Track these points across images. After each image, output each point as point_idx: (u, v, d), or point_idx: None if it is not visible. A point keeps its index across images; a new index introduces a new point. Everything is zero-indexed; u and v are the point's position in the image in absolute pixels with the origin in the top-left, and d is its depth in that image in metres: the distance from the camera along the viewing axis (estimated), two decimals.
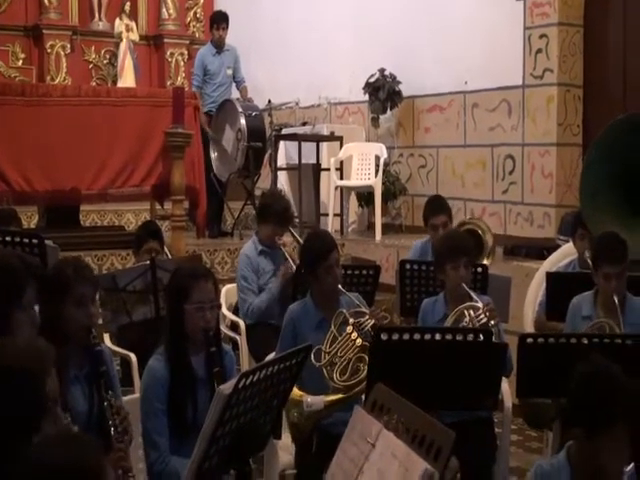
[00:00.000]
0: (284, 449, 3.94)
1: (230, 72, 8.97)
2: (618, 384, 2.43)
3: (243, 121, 8.20)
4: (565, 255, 5.36)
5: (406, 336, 3.40)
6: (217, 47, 8.87)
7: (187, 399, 3.13)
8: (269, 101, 9.15)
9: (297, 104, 9.90)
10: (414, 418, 1.92)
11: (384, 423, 1.97)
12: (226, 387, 2.62)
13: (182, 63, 11.36)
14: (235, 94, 9.08)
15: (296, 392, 3.77)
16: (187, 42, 11.46)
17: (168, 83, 11.06)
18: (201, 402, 3.08)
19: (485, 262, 5.39)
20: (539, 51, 7.70)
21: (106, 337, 4.80)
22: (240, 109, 8.28)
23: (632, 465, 2.26)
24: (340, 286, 3.94)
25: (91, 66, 11.01)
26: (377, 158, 8.49)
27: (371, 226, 8.64)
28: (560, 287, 4.57)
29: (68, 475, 1.52)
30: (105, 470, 1.53)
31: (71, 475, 1.52)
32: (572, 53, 7.62)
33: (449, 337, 3.44)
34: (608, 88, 7.43)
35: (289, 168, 9.15)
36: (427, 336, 3.42)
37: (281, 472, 4.04)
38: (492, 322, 3.81)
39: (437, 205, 5.59)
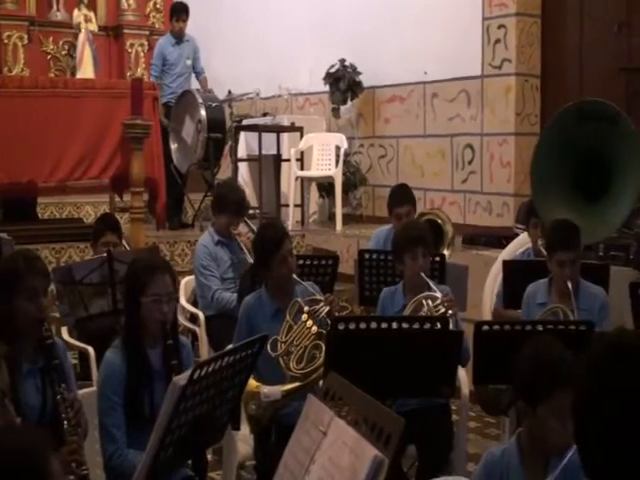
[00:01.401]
0: (243, 440, 3.95)
1: (189, 63, 8.93)
2: (557, 352, 2.47)
3: (203, 112, 8.17)
4: (522, 244, 5.42)
5: (363, 325, 3.42)
6: (177, 38, 8.83)
7: (144, 392, 3.12)
8: (229, 92, 9.12)
9: (258, 95, 9.86)
10: (365, 406, 1.93)
11: (336, 411, 1.98)
12: (181, 378, 2.61)
13: (142, 54, 11.24)
14: (195, 85, 9.04)
15: (253, 383, 3.78)
16: (147, 33, 11.34)
17: (128, 74, 10.94)
18: (158, 395, 3.07)
19: (445, 252, 5.43)
20: (497, 41, 7.75)
21: (64, 331, 4.76)
22: (200, 100, 8.24)
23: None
24: (295, 275, 3.94)
25: (49, 57, 10.85)
26: (337, 148, 8.50)
27: (332, 216, 8.65)
28: (516, 275, 4.62)
29: (9, 465, 1.50)
30: (49, 461, 1.52)
31: (12, 465, 1.51)
32: (530, 43, 7.68)
33: (406, 326, 3.47)
34: (565, 78, 7.50)
35: (249, 159, 9.12)
36: (384, 325, 3.45)
37: (240, 463, 4.05)
38: (450, 312, 3.83)
39: (401, 195, 5.60)
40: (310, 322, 3.83)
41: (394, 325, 3.46)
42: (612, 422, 1.59)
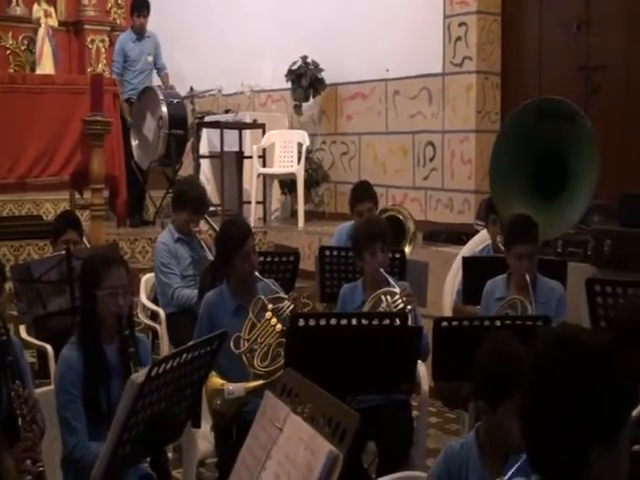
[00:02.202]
0: (203, 438, 3.94)
1: (151, 59, 8.87)
2: (514, 352, 2.49)
3: (164, 108, 8.12)
4: (481, 241, 5.46)
5: (322, 322, 3.42)
6: (138, 34, 8.77)
7: (100, 387, 3.11)
8: (191, 88, 9.08)
9: (220, 92, 9.82)
10: (321, 401, 1.93)
11: (292, 407, 1.98)
12: (138, 375, 2.60)
13: (103, 50, 11.14)
14: (156, 81, 8.99)
15: (217, 381, 3.78)
16: (108, 29, 11.24)
17: (88, 70, 10.83)
18: (115, 391, 3.06)
19: (406, 248, 5.46)
20: (458, 39, 7.80)
21: (22, 329, 4.71)
22: (161, 96, 8.19)
23: None
24: (256, 272, 3.94)
25: (8, 52, 10.71)
26: (299, 145, 8.51)
27: (294, 213, 8.66)
28: (476, 271, 4.65)
29: None
30: (2, 458, 1.51)
31: None
32: (490, 41, 7.74)
33: (365, 322, 3.48)
34: (525, 76, 7.57)
35: (211, 156, 9.09)
36: (343, 321, 3.46)
37: (201, 460, 4.04)
38: (409, 307, 3.85)
39: (363, 191, 5.62)
40: (274, 320, 3.82)
41: (354, 321, 3.47)
42: (555, 418, 1.61)
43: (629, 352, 2.48)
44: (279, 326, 3.76)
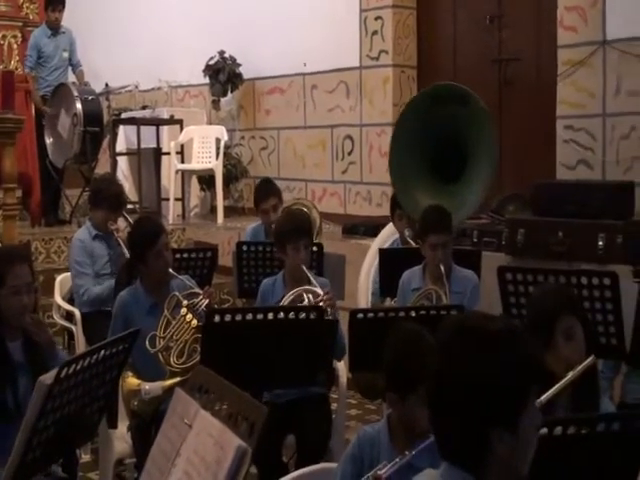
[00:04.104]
0: (120, 438, 3.89)
1: (66, 55, 8.67)
2: (421, 343, 2.51)
3: (79, 105, 7.97)
4: (392, 233, 5.50)
5: (239, 317, 3.41)
6: (52, 29, 8.56)
7: (6, 386, 3.04)
8: (106, 85, 8.92)
9: (137, 88, 9.70)
10: (231, 396, 1.92)
11: (201, 403, 1.96)
12: (47, 377, 2.54)
13: (15, 46, 10.85)
14: (72, 78, 8.81)
15: (133, 381, 3.74)
16: (20, 24, 10.97)
17: (1, 67, 10.60)
18: (21, 388, 3.02)
19: (315, 240, 5.48)
20: (375, 33, 7.85)
21: None
22: (76, 93, 8.04)
23: None
24: (171, 269, 3.90)
25: None
26: (218, 141, 8.46)
27: (213, 209, 8.60)
28: (392, 263, 4.68)
29: None
30: None
31: None
32: (406, 35, 7.81)
33: (282, 316, 3.47)
34: (440, 69, 7.65)
35: (129, 153, 8.97)
36: (260, 316, 3.44)
37: (119, 461, 3.99)
38: (330, 310, 3.83)
39: (266, 189, 5.62)
40: (190, 316, 3.80)
41: (270, 316, 3.46)
42: (457, 402, 1.63)
43: (538, 337, 2.55)
44: (195, 322, 3.73)
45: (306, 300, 3.90)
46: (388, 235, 5.51)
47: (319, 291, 3.89)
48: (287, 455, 4.00)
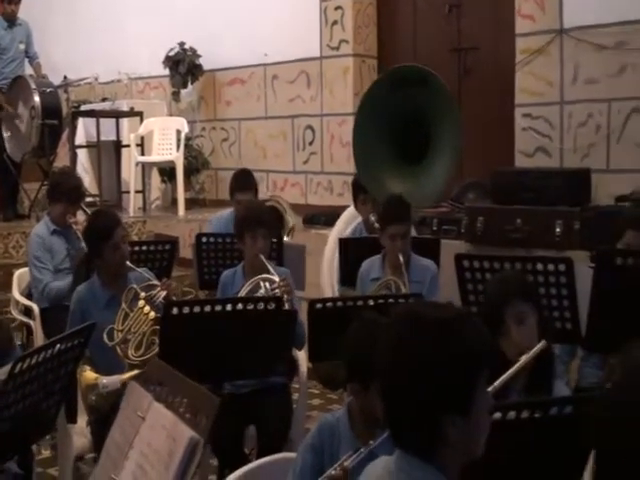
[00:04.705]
0: (80, 433, 3.85)
1: (23, 47, 8.57)
2: (379, 333, 2.51)
3: (37, 98, 7.87)
4: (352, 218, 5.49)
5: (197, 309, 3.39)
6: (9, 21, 8.44)
7: None
8: (65, 77, 8.83)
9: (96, 80, 9.59)
10: (184, 388, 1.92)
11: (155, 395, 1.96)
12: (1, 373, 2.53)
13: None
14: (29, 70, 8.70)
15: (91, 375, 3.70)
16: None
17: None
18: None
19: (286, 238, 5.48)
20: (335, 23, 7.85)
21: None
22: (33, 86, 7.94)
23: None
24: (128, 262, 3.87)
25: None
26: (178, 133, 8.40)
27: (175, 202, 8.55)
28: (352, 252, 4.69)
29: None
30: None
31: None
32: (366, 25, 7.81)
33: (240, 307, 3.46)
34: (400, 58, 7.63)
35: (88, 146, 8.88)
36: (218, 307, 3.43)
37: (79, 456, 3.96)
38: (286, 296, 3.84)
39: (244, 180, 5.54)
40: (147, 308, 3.78)
41: (228, 307, 3.45)
42: (407, 389, 1.64)
43: (491, 322, 2.56)
44: (152, 314, 3.72)
45: (263, 289, 3.91)
46: (349, 220, 5.49)
47: (275, 278, 3.89)
48: (249, 446, 4.00)
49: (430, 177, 5.56)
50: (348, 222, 5.42)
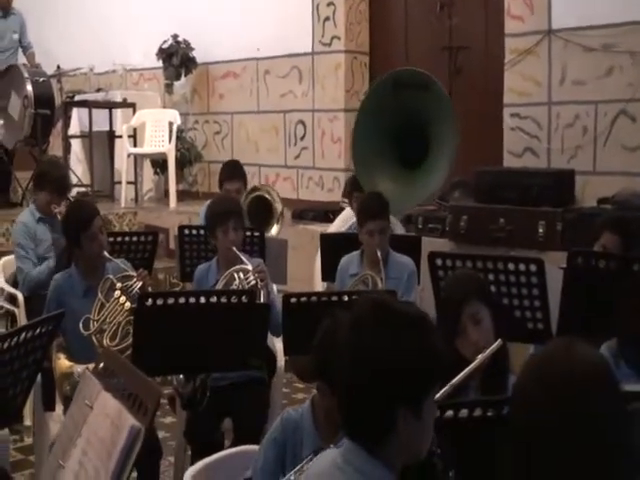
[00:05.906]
0: (57, 421, 3.87)
1: (16, 37, 8.62)
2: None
3: (29, 87, 7.90)
4: (349, 218, 5.51)
5: (171, 301, 3.41)
6: (2, 10, 8.49)
7: None
8: (58, 67, 8.85)
9: (92, 70, 9.62)
10: (132, 379, 1.94)
11: (105, 385, 1.98)
12: None
13: None
14: (22, 60, 8.73)
15: (66, 364, 3.72)
16: None
17: None
18: None
19: (274, 229, 5.50)
20: (327, 19, 7.86)
21: None
22: (26, 75, 7.97)
23: None
24: (106, 253, 3.90)
25: None
26: (171, 125, 8.42)
27: (167, 193, 8.57)
28: (333, 248, 4.71)
29: None
30: None
31: None
32: (358, 21, 7.82)
33: (214, 300, 3.48)
34: (392, 55, 7.68)
35: (82, 136, 8.90)
36: (192, 300, 3.45)
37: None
38: (261, 283, 3.87)
39: (233, 171, 5.58)
40: (123, 298, 3.80)
41: (202, 300, 3.47)
42: (367, 380, 1.66)
43: (448, 322, 2.59)
44: (128, 304, 3.73)
45: (237, 279, 3.92)
46: (347, 218, 5.51)
47: (249, 267, 3.90)
48: (228, 438, 4.02)
49: (425, 184, 5.59)
50: (346, 220, 5.44)
